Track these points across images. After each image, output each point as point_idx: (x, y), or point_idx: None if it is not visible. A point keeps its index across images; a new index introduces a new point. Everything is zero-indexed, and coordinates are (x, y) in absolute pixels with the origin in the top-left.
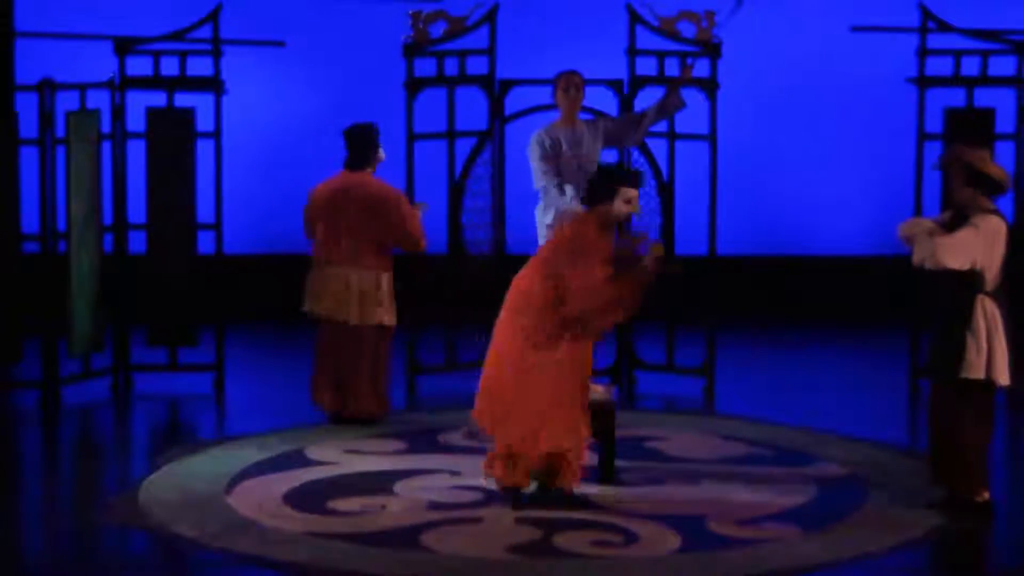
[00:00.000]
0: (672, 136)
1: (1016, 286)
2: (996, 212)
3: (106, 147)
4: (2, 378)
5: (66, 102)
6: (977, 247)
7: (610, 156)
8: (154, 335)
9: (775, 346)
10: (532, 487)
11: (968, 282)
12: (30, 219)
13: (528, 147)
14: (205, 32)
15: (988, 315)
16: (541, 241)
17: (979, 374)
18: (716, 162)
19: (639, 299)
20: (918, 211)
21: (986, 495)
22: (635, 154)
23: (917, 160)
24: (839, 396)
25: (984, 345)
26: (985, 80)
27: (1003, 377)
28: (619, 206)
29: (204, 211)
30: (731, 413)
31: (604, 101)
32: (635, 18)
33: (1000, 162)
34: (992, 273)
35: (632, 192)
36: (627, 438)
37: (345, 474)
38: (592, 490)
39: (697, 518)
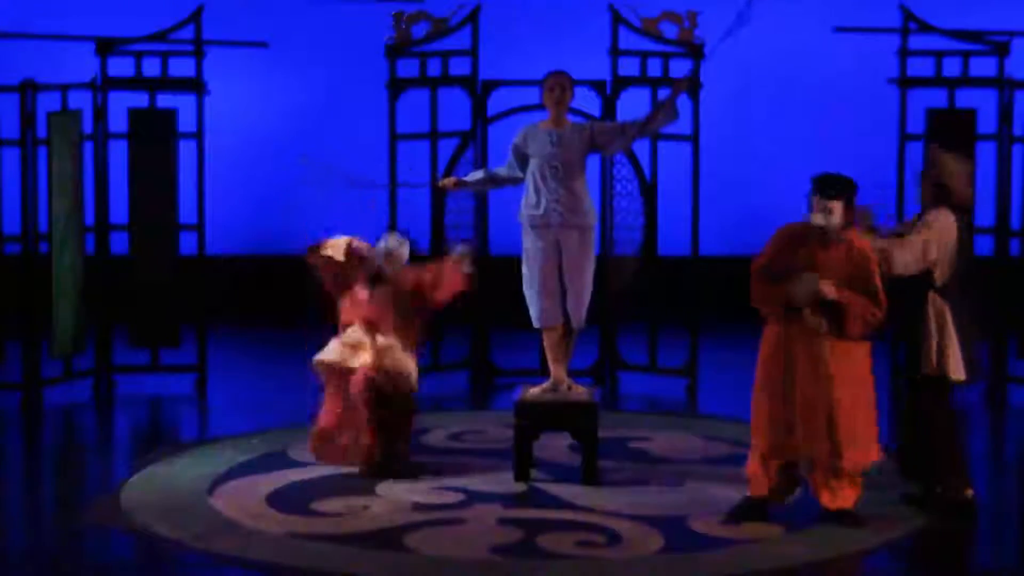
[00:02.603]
0: (655, 137)
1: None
2: (951, 212)
3: (88, 148)
4: None
5: (47, 103)
6: (931, 247)
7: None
8: (136, 336)
9: (757, 346)
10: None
11: (918, 280)
12: (11, 220)
13: None
14: (187, 33)
15: (938, 312)
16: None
17: (933, 370)
18: (699, 163)
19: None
20: (900, 211)
21: (969, 492)
22: (618, 155)
23: (899, 160)
24: None
25: (935, 342)
26: (966, 81)
27: (957, 372)
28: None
29: (186, 212)
30: (714, 413)
31: (587, 101)
32: (618, 18)
33: (981, 163)
34: (942, 270)
35: (825, 203)
36: (610, 438)
37: (328, 475)
38: (575, 491)
39: (680, 518)
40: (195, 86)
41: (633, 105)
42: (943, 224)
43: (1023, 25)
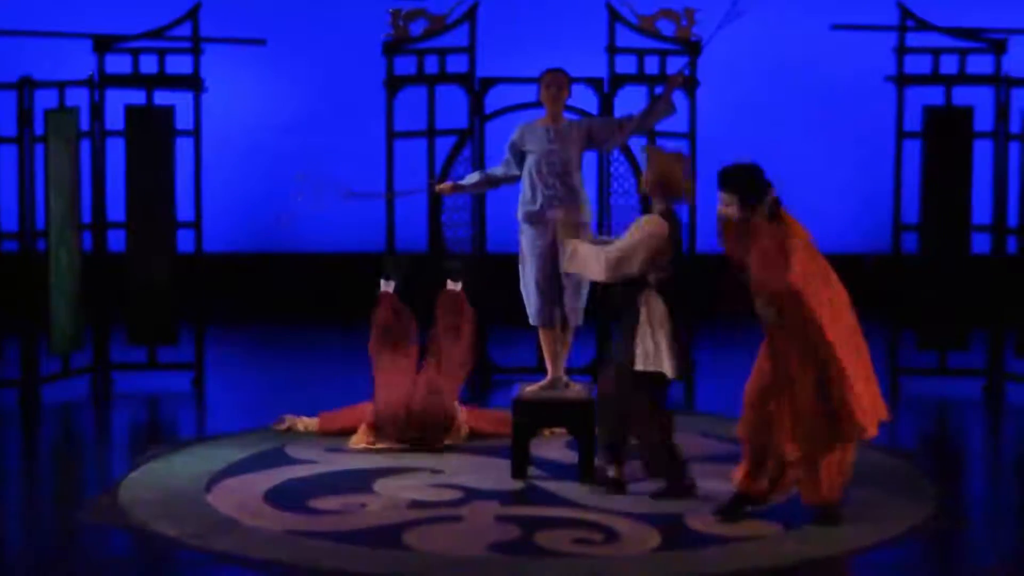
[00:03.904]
0: (652, 134)
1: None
2: (664, 213)
3: (85, 145)
4: None
5: (45, 100)
6: (639, 251)
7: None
8: (134, 333)
9: (754, 344)
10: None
11: (634, 279)
12: (9, 217)
13: None
14: (184, 30)
15: (652, 310)
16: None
17: (646, 367)
18: (696, 160)
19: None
20: (896, 208)
21: (691, 481)
22: (615, 152)
23: (896, 158)
24: None
25: (649, 339)
26: (964, 78)
27: (668, 370)
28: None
29: (184, 209)
30: (711, 411)
31: (584, 99)
32: (615, 16)
33: (978, 160)
34: (660, 269)
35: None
36: None
37: (325, 473)
38: (572, 488)
39: (677, 516)
40: (192, 83)
41: (630, 103)
42: (650, 228)
43: (1020, 23)
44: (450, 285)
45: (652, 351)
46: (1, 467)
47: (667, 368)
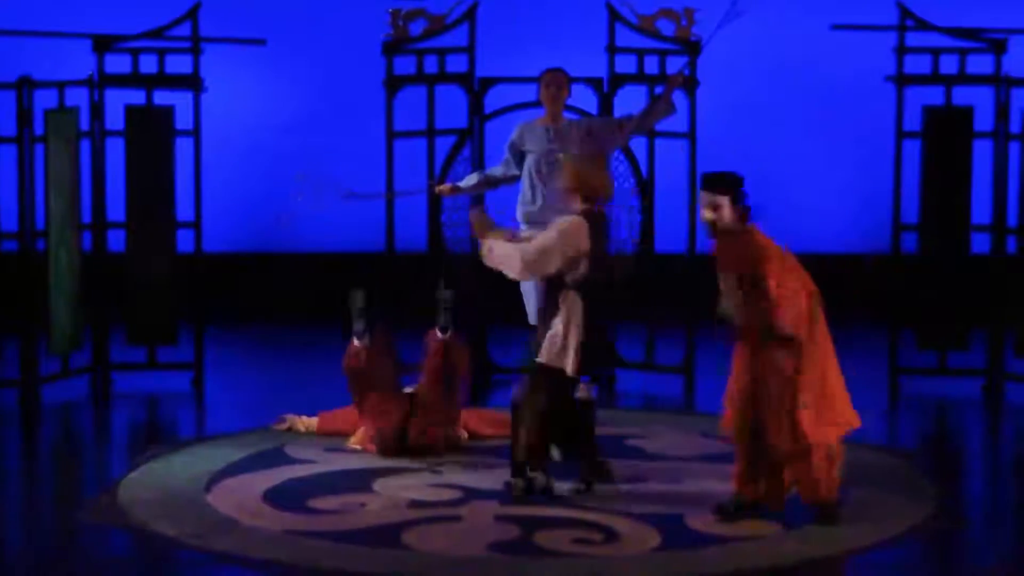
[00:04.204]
0: (651, 134)
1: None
2: (585, 214)
3: (85, 145)
4: None
5: (44, 100)
6: (556, 251)
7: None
8: (133, 334)
9: None
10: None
11: (553, 278)
12: (8, 217)
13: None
14: (184, 30)
15: (570, 309)
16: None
17: (549, 361)
18: (696, 160)
19: None
20: (896, 208)
21: (538, 475)
22: (615, 151)
23: (896, 158)
24: None
25: (560, 336)
26: (963, 78)
27: (569, 367)
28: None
29: (183, 209)
30: (711, 411)
31: (584, 99)
32: (614, 16)
33: (978, 160)
34: (578, 269)
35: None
36: (608, 436)
37: (325, 472)
38: (571, 488)
39: (677, 516)
40: (192, 83)
41: (630, 102)
42: (567, 228)
43: (1020, 23)
44: (439, 334)
45: (559, 347)
46: (1, 467)
47: (568, 365)
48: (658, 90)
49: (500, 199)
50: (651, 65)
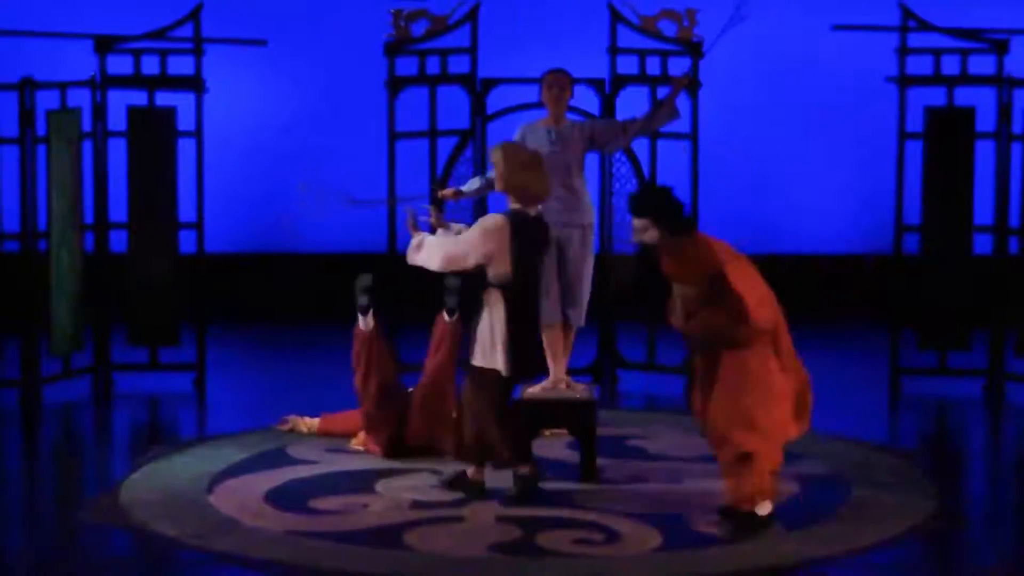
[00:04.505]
0: (654, 135)
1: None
2: (513, 212)
3: (87, 146)
4: None
5: (46, 101)
6: (477, 247)
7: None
8: (135, 334)
9: None
10: None
11: (476, 275)
12: (10, 218)
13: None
14: (186, 31)
15: (492, 308)
16: None
17: (484, 363)
18: (697, 161)
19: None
20: (898, 208)
21: (524, 469)
22: (618, 153)
23: (898, 159)
24: (820, 394)
25: (488, 336)
26: (965, 79)
27: (502, 367)
28: None
29: (185, 210)
30: None
31: (586, 100)
32: (616, 17)
33: (980, 161)
34: (499, 268)
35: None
36: (609, 436)
37: (327, 473)
38: (573, 488)
39: (679, 516)
40: (194, 84)
41: (632, 103)
42: (486, 225)
43: (1022, 23)
44: (446, 317)
45: (488, 347)
46: (2, 468)
47: (501, 366)
48: (660, 91)
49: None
50: (653, 66)
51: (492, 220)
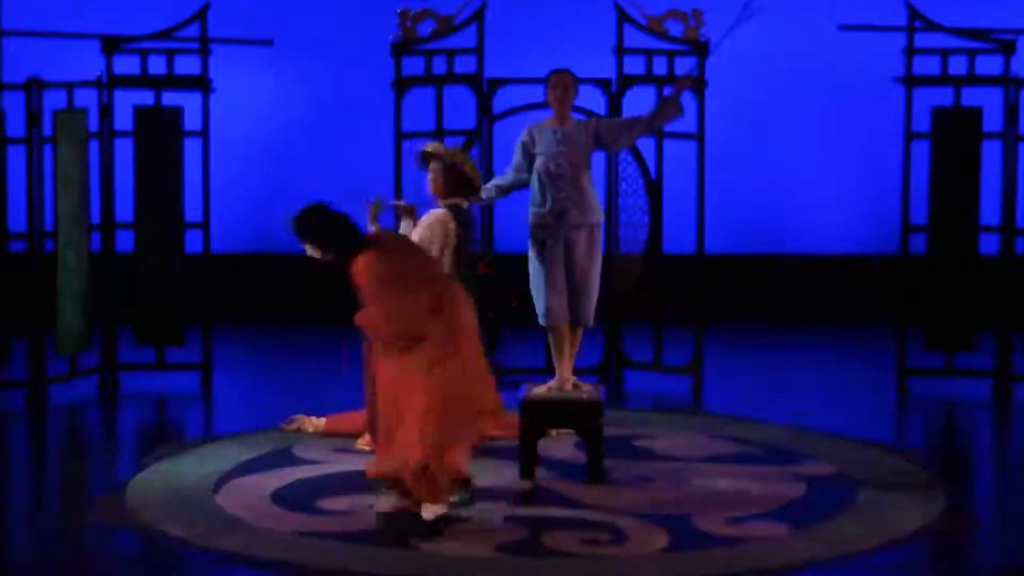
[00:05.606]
0: (660, 135)
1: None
2: (451, 207)
3: (93, 146)
4: None
5: (53, 101)
6: (422, 242)
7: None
8: (141, 334)
9: (762, 344)
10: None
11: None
12: (17, 218)
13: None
14: (192, 31)
15: None
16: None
17: None
18: (704, 161)
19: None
20: (905, 209)
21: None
22: (624, 152)
23: (904, 159)
24: (826, 394)
25: None
26: (972, 79)
27: None
28: None
29: (192, 210)
30: (719, 411)
31: (592, 100)
32: (623, 17)
33: (987, 161)
34: (442, 263)
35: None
36: (615, 437)
37: (333, 473)
38: (580, 488)
39: (685, 516)
40: (201, 84)
41: (638, 103)
42: (432, 222)
43: None
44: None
45: None
46: (9, 467)
47: None
48: (667, 91)
49: (509, 199)
50: (660, 66)
51: (436, 216)
